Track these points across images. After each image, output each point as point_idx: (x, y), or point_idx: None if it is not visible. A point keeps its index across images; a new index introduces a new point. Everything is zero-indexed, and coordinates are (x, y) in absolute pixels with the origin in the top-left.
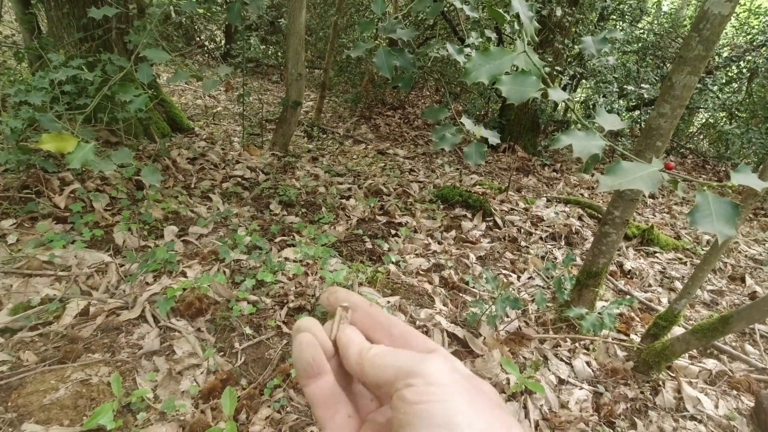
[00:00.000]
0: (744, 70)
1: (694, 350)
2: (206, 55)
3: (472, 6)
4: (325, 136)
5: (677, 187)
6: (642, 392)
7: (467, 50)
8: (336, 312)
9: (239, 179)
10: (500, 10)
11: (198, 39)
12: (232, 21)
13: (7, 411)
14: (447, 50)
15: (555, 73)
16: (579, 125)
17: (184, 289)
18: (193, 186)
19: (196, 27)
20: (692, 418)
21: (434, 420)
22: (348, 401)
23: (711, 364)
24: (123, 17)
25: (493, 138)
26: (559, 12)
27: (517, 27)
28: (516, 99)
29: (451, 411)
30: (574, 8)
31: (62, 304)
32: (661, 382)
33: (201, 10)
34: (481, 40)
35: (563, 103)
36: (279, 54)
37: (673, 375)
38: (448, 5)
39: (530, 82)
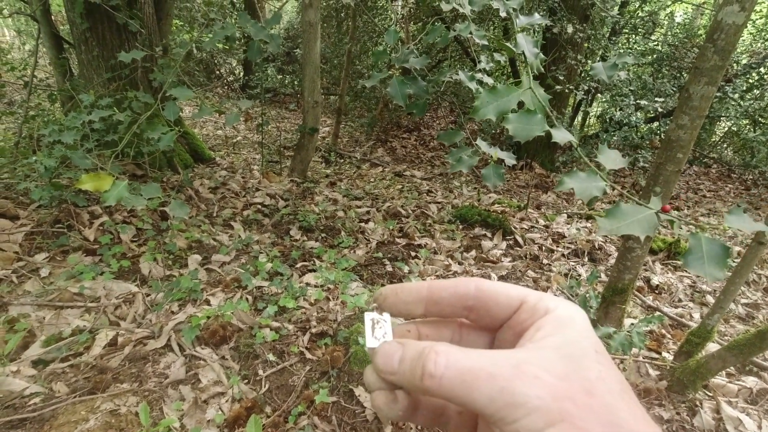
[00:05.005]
0: (765, 77)
1: (732, 367)
2: (226, 88)
3: (479, 35)
4: (342, 160)
5: (675, 226)
6: (678, 413)
7: (479, 75)
8: (366, 326)
9: (259, 206)
10: (509, 44)
11: (218, 72)
12: (252, 58)
13: None
14: (459, 77)
15: (567, 90)
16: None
17: (208, 318)
18: (215, 215)
19: (216, 61)
20: None
21: None
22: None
23: (751, 381)
24: (148, 57)
25: (510, 159)
26: (570, 29)
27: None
28: (522, 137)
29: None
30: (585, 24)
31: (92, 335)
32: (698, 402)
33: (220, 45)
34: (491, 64)
35: (578, 118)
36: (295, 83)
37: (711, 394)
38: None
39: (536, 120)
